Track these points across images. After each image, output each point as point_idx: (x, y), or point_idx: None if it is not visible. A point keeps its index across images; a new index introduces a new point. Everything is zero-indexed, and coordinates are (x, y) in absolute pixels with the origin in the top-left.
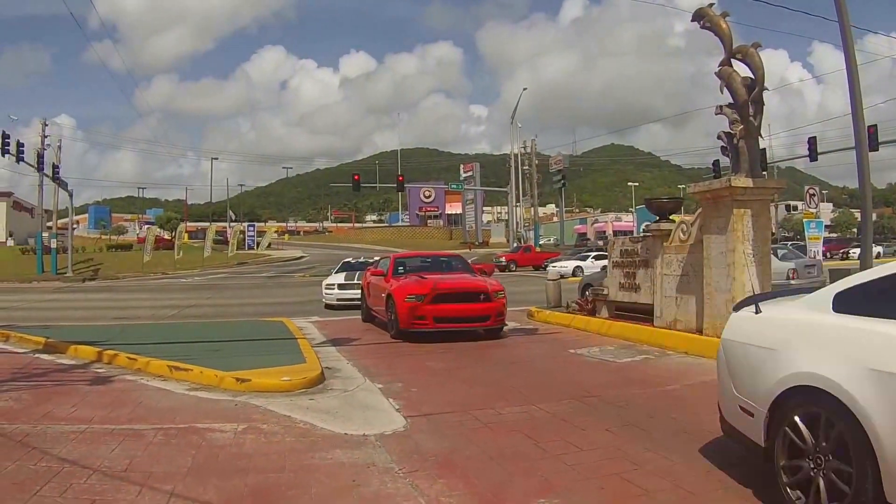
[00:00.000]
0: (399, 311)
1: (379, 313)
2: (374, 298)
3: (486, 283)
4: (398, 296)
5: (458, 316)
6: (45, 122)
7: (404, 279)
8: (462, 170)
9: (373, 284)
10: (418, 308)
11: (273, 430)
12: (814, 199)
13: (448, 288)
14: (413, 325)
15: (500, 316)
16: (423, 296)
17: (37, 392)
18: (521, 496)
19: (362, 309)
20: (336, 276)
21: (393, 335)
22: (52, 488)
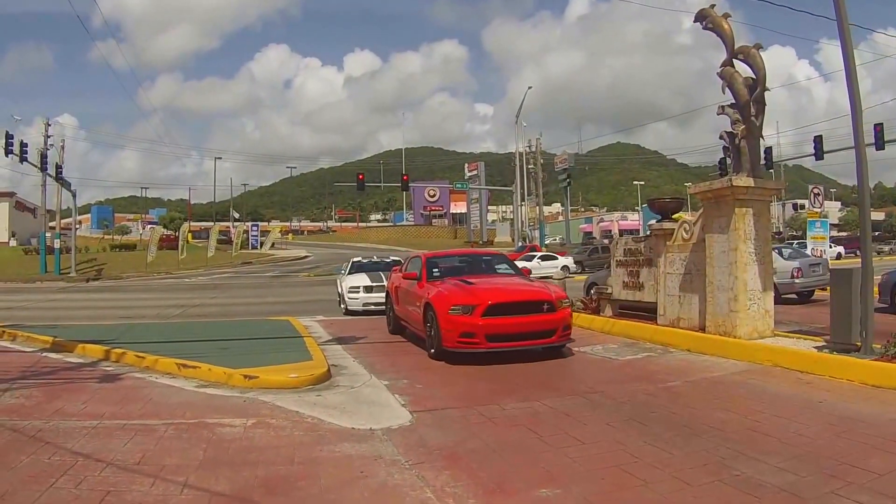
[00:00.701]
0: (442, 326)
1: (412, 325)
2: (405, 307)
3: (548, 290)
4: (440, 306)
5: (517, 332)
6: (48, 121)
7: (444, 284)
8: (467, 169)
9: (403, 290)
10: (467, 322)
11: (282, 425)
12: (818, 198)
13: (504, 297)
14: (460, 343)
15: (567, 330)
16: (473, 307)
17: (47, 389)
18: (523, 486)
19: (389, 318)
20: (357, 277)
21: (433, 354)
22: (67, 480)
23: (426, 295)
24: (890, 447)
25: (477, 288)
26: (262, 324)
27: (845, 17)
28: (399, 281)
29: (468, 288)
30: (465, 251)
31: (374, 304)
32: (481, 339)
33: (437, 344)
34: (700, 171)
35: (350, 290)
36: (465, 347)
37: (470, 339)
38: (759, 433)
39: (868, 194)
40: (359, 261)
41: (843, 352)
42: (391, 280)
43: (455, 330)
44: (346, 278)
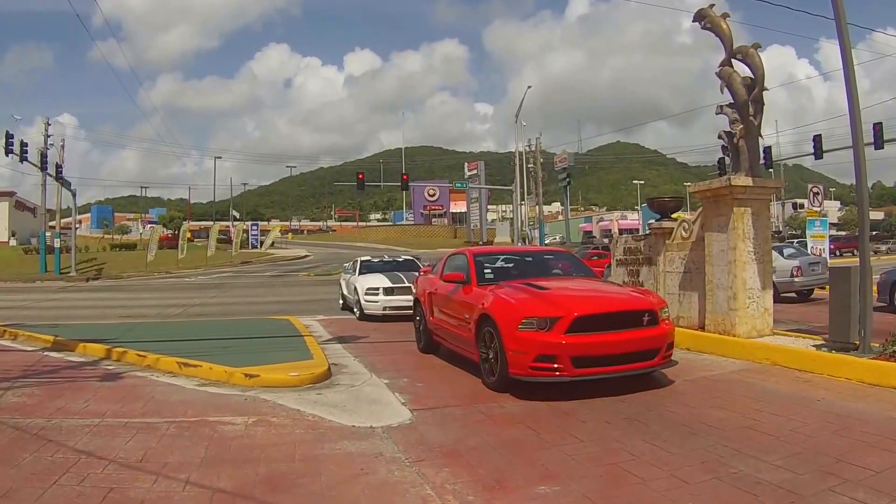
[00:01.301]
0: (508, 346)
1: (455, 343)
2: (444, 319)
3: (647, 296)
4: (505, 319)
5: (612, 353)
6: (48, 120)
7: (505, 289)
8: (467, 168)
9: (441, 297)
10: (545, 342)
11: (283, 423)
12: (817, 197)
13: (595, 306)
14: (535, 370)
15: (671, 349)
16: (554, 320)
17: (49, 388)
18: (522, 483)
19: (418, 332)
20: (373, 277)
21: (494, 384)
22: (70, 477)
23: (481, 304)
24: (887, 445)
25: (554, 294)
26: (263, 323)
27: (843, 17)
28: (433, 285)
29: (542, 294)
30: (520, 248)
31: (395, 307)
32: (566, 365)
33: (500, 370)
34: (699, 171)
35: (368, 293)
36: (541, 375)
37: (549, 365)
38: (757, 431)
39: (867, 193)
40: (368, 260)
41: (842, 350)
42: (420, 285)
43: (528, 352)
44: (359, 279)
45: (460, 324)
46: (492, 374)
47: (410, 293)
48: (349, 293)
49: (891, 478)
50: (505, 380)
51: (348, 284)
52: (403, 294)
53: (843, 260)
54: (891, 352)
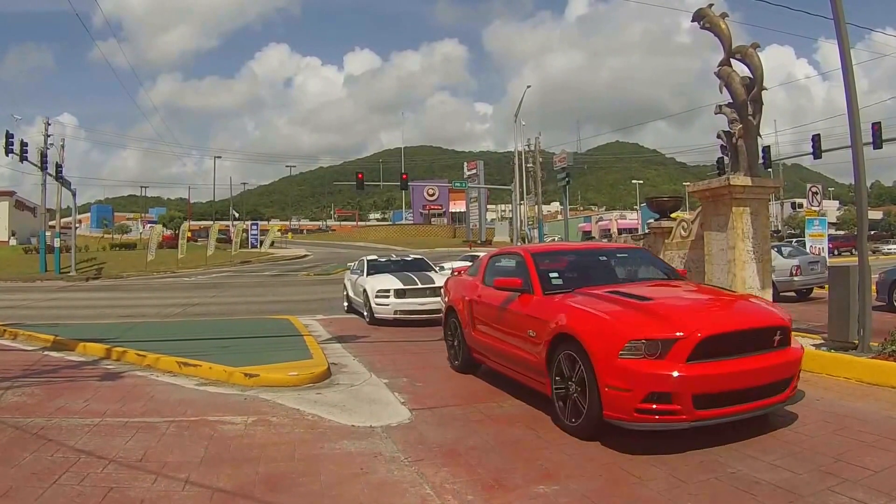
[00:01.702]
0: (604, 379)
1: (511, 365)
2: (492, 334)
3: (772, 309)
4: (599, 341)
5: (743, 387)
6: (48, 120)
7: (586, 300)
8: (466, 168)
9: (487, 307)
10: (659, 373)
11: (282, 423)
12: (816, 196)
13: (723, 324)
14: (642, 413)
15: (797, 376)
16: (670, 342)
17: (49, 388)
18: (521, 483)
19: (453, 347)
20: (383, 278)
21: (577, 429)
22: (70, 477)
23: (555, 319)
24: (886, 445)
25: (662, 306)
26: (263, 322)
27: (842, 17)
28: (473, 292)
29: (646, 307)
30: (585, 245)
31: (408, 311)
32: (686, 405)
33: (589, 411)
34: (698, 170)
35: (378, 295)
36: (652, 420)
37: (664, 407)
38: (754, 430)
39: (865, 193)
40: (375, 260)
41: (841, 349)
42: (454, 289)
43: (634, 388)
44: (368, 280)
45: (519, 343)
46: (575, 415)
47: (424, 295)
48: (356, 295)
49: (889, 477)
50: (596, 424)
51: (355, 286)
52: (416, 296)
53: (841, 259)
54: (890, 351)
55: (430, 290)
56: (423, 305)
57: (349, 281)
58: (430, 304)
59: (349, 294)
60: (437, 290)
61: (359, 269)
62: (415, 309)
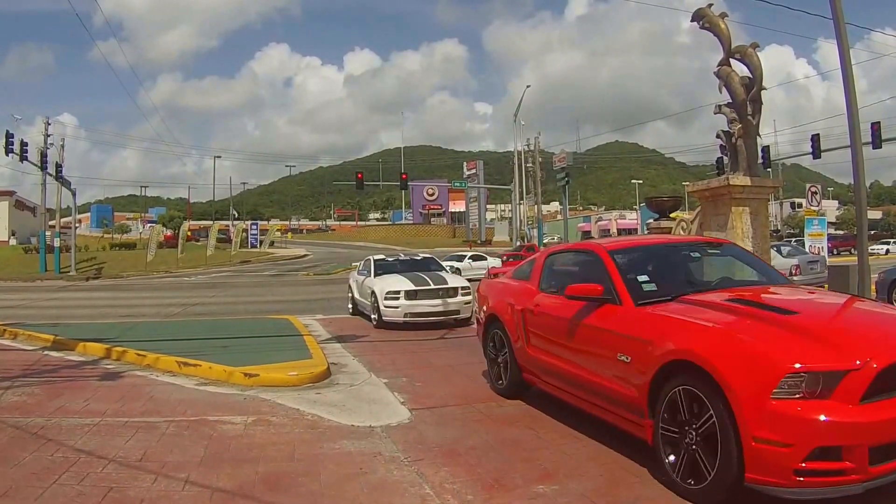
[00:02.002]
0: (750, 428)
1: (588, 396)
2: (558, 353)
3: None
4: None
5: None
6: (48, 120)
7: (704, 313)
8: (465, 167)
9: (550, 319)
10: (828, 420)
11: (282, 423)
12: (816, 196)
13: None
14: (805, 476)
15: None
16: (839, 375)
17: (49, 387)
18: (521, 482)
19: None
20: (392, 279)
21: (700, 491)
22: (69, 477)
23: (664, 339)
24: None
25: (818, 323)
26: (262, 322)
27: (841, 17)
28: (528, 299)
29: (793, 324)
30: (666, 239)
31: (419, 314)
32: (860, 461)
33: (725, 471)
34: (698, 170)
35: (388, 297)
36: (817, 484)
37: (832, 465)
38: None
39: (864, 193)
40: (383, 259)
41: None
42: (496, 295)
43: (797, 441)
44: (376, 282)
45: (601, 368)
46: (695, 475)
47: (437, 297)
48: (362, 297)
49: None
50: (730, 489)
51: (361, 287)
52: (428, 298)
53: (840, 259)
54: None
55: (443, 291)
56: (436, 307)
57: (355, 282)
58: (442, 306)
59: (354, 296)
60: (451, 291)
61: (365, 269)
62: (427, 311)
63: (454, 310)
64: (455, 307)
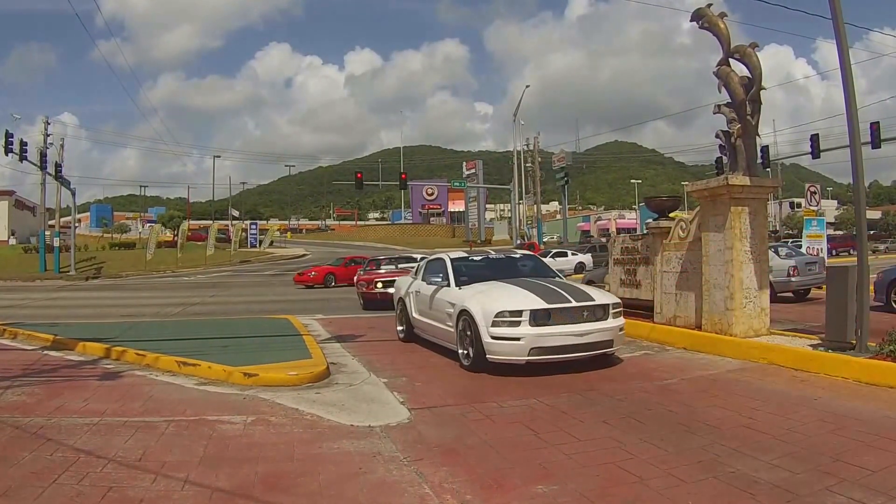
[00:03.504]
0: None
1: None
2: None
3: None
4: None
5: None
6: (48, 120)
7: None
8: (465, 167)
9: None
10: None
11: (281, 422)
12: (815, 196)
13: None
14: None
15: None
16: None
17: (48, 387)
18: (520, 482)
19: None
20: (496, 292)
21: None
22: (69, 476)
23: None
24: (884, 444)
25: None
26: (262, 322)
27: (840, 17)
28: None
29: None
30: None
31: (555, 349)
32: None
33: None
34: (697, 170)
35: (501, 322)
36: None
37: None
38: (754, 430)
39: (864, 193)
40: (464, 258)
41: (839, 350)
42: None
43: None
44: (466, 294)
45: None
46: None
47: (580, 319)
48: (431, 317)
49: (887, 477)
50: None
51: (431, 302)
52: (568, 322)
53: (839, 259)
54: (887, 351)
55: (589, 310)
56: (581, 338)
57: (410, 293)
58: (590, 336)
59: (412, 314)
60: (598, 310)
61: (436, 273)
62: (568, 344)
63: (605, 340)
64: (607, 336)
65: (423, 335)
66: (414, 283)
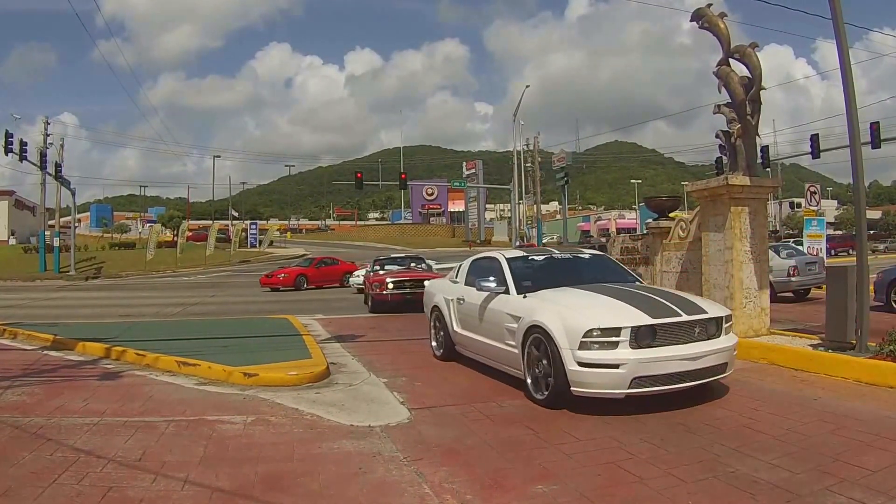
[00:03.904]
0: None
1: None
2: None
3: None
4: None
5: None
6: (48, 120)
7: None
8: (465, 167)
9: None
10: None
11: (281, 422)
12: (815, 196)
13: None
14: None
15: None
16: None
17: (48, 387)
18: (520, 482)
19: None
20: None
21: None
22: (69, 476)
23: None
24: (884, 444)
25: None
26: (262, 322)
27: (840, 17)
28: None
29: None
30: None
31: (663, 378)
32: None
33: None
34: (697, 170)
35: (591, 343)
36: None
37: None
38: (753, 430)
39: (864, 193)
40: (523, 258)
41: (839, 350)
42: None
43: None
44: (536, 305)
45: None
46: None
47: (692, 337)
48: (482, 333)
49: (887, 477)
50: None
51: (483, 314)
52: (679, 342)
53: (838, 259)
54: (887, 351)
55: (701, 325)
56: (695, 362)
57: (450, 301)
58: (705, 360)
59: (453, 328)
60: (711, 325)
61: (485, 276)
62: (680, 371)
63: (720, 364)
64: (722, 358)
65: (469, 354)
66: (454, 287)
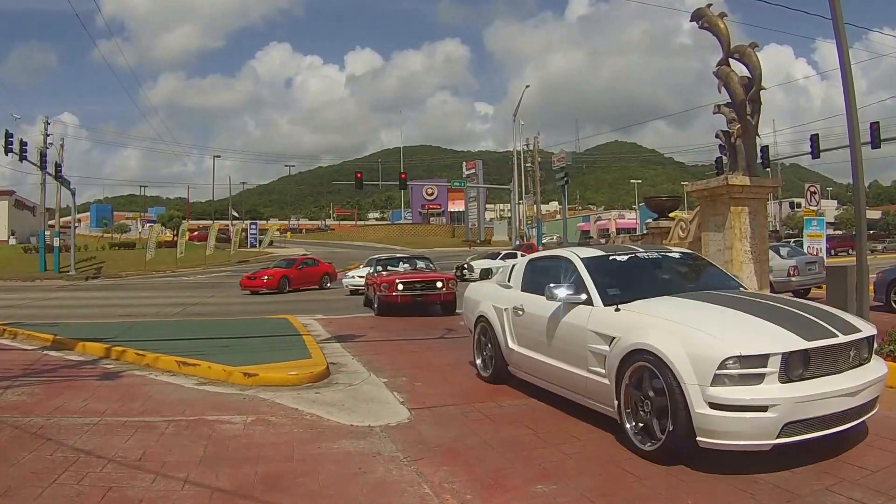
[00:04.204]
0: None
1: None
2: None
3: None
4: None
5: None
6: (48, 119)
7: None
8: (465, 167)
9: None
10: None
11: (281, 422)
12: (815, 196)
13: None
14: None
15: None
16: None
17: (48, 387)
18: (520, 482)
19: None
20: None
21: None
22: (69, 476)
23: None
24: (883, 444)
25: None
26: (262, 322)
27: (840, 17)
28: None
29: None
30: None
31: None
32: None
33: None
34: (697, 170)
35: (725, 375)
36: None
37: None
38: None
39: (864, 193)
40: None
41: None
42: None
43: None
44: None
45: None
46: None
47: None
48: (552, 355)
49: (887, 477)
50: None
51: (554, 329)
52: (834, 370)
53: (838, 259)
54: (887, 351)
55: (856, 348)
56: (854, 398)
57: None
58: (862, 394)
59: (507, 343)
60: (865, 346)
61: (554, 279)
62: (839, 411)
63: (873, 398)
64: (876, 391)
65: (528, 377)
66: (507, 294)
